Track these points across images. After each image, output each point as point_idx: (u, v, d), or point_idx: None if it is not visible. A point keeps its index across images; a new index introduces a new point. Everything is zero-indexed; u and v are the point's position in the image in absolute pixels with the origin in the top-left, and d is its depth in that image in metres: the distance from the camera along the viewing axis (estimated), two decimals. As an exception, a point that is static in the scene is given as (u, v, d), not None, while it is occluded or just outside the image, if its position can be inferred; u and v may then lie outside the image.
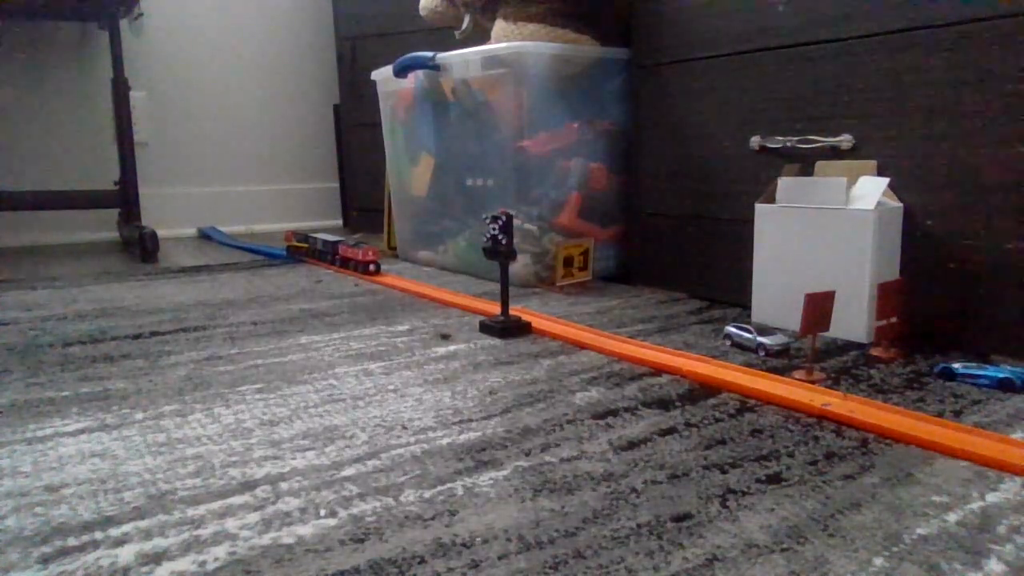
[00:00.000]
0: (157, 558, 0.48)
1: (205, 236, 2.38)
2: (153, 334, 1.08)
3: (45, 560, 0.48)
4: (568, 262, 1.38)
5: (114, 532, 0.51)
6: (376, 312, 1.21)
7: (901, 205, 0.96)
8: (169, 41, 2.38)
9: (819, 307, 0.83)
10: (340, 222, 2.70)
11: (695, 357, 0.90)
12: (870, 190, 0.95)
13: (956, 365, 0.82)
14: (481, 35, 1.55)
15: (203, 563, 0.47)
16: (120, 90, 1.94)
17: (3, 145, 2.16)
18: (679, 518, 0.52)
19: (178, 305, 1.28)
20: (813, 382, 0.80)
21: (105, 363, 0.93)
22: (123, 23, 2.03)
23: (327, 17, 2.45)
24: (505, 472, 0.60)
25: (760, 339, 0.93)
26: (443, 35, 1.73)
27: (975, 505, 0.54)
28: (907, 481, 0.58)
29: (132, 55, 2.19)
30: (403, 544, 0.49)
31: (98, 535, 0.51)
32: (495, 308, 1.14)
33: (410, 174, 1.71)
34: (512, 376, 0.86)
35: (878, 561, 0.46)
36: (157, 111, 2.39)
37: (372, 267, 1.52)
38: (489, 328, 1.05)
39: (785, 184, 1.02)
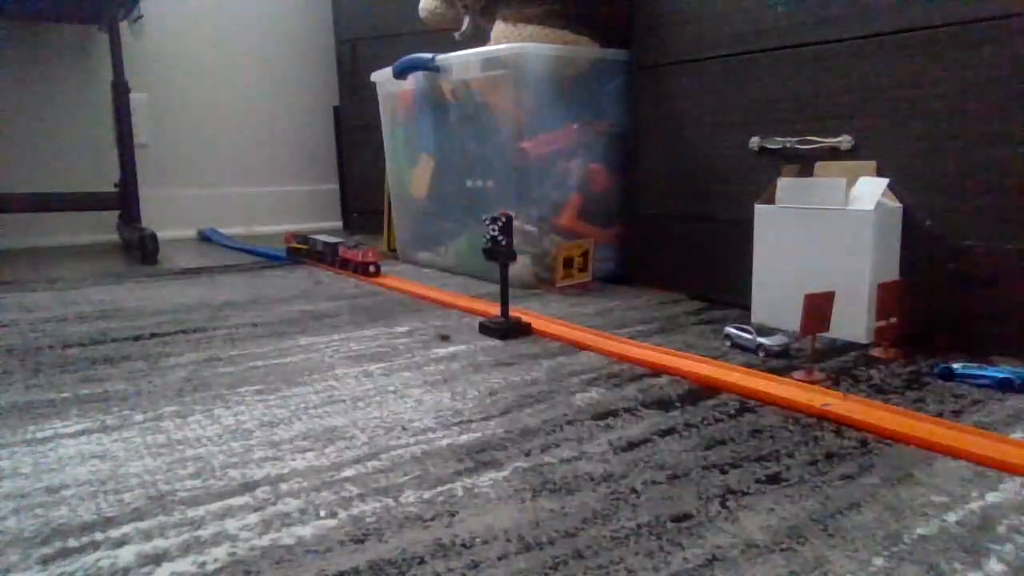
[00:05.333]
0: (157, 559, 0.48)
1: (205, 238, 2.38)
2: (153, 336, 1.08)
3: (45, 561, 0.48)
4: (568, 263, 1.38)
5: (114, 533, 0.51)
6: (376, 313, 1.21)
7: (901, 205, 0.96)
8: (169, 43, 2.38)
9: (819, 307, 0.83)
10: (340, 224, 2.70)
11: (695, 358, 0.90)
12: (870, 190, 0.95)
13: (956, 365, 0.82)
14: (481, 37, 1.56)
15: (203, 564, 0.47)
16: (120, 92, 1.94)
17: (3, 147, 2.16)
18: (679, 518, 0.52)
19: (178, 307, 1.28)
20: (813, 382, 0.80)
21: (105, 365, 0.93)
22: (123, 25, 2.03)
23: (327, 18, 2.45)
24: (505, 473, 0.60)
25: (760, 339, 0.93)
26: (442, 37, 1.73)
27: (975, 505, 0.54)
28: (907, 481, 0.58)
29: (132, 57, 2.19)
30: (403, 544, 0.49)
31: (98, 536, 0.51)
32: (495, 309, 1.14)
33: (410, 175, 1.71)
34: (512, 377, 0.86)
35: (878, 561, 0.46)
36: (157, 113, 2.39)
37: (372, 268, 1.52)
38: (489, 329, 1.05)
39: (785, 184, 1.02)
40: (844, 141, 1.02)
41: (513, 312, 1.08)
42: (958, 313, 0.93)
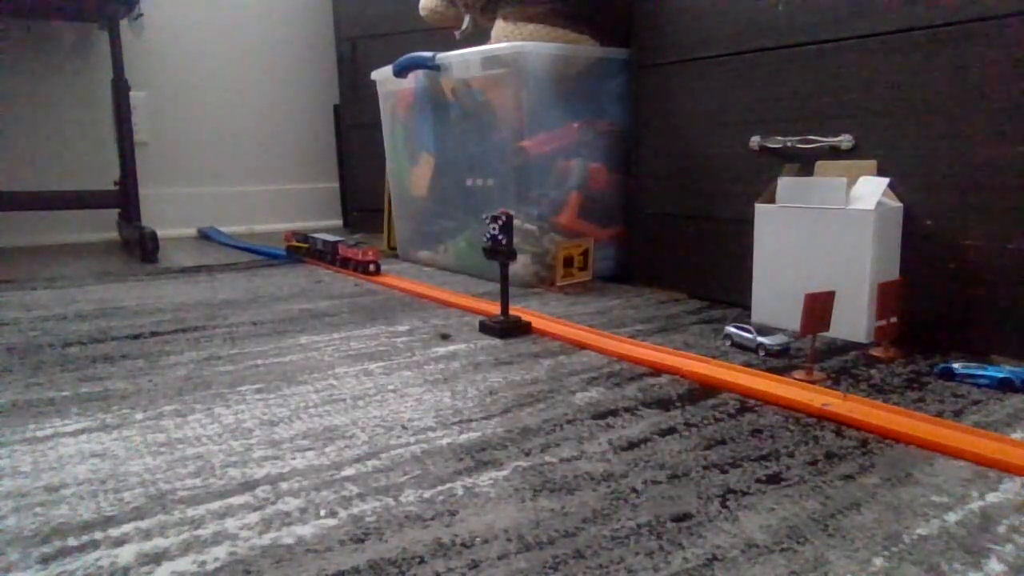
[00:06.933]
0: (157, 558, 0.48)
1: (205, 236, 2.38)
2: (153, 334, 1.08)
3: (45, 560, 0.48)
4: (568, 262, 1.38)
5: (114, 532, 0.51)
6: (376, 312, 1.21)
7: (901, 205, 0.96)
8: (169, 41, 2.38)
9: (819, 307, 0.83)
10: (340, 222, 2.70)
11: (695, 357, 0.90)
12: (870, 190, 0.95)
13: (956, 365, 0.82)
14: (481, 35, 1.55)
15: (203, 563, 0.47)
16: (120, 90, 1.94)
17: (3, 145, 2.16)
18: (679, 518, 0.52)
19: (178, 305, 1.28)
20: (813, 382, 0.80)
21: (105, 363, 0.93)
22: (123, 23, 2.03)
23: (327, 17, 2.45)
24: (505, 472, 0.60)
25: (760, 339, 0.93)
26: (443, 35, 1.73)
27: (975, 505, 0.54)
28: (907, 481, 0.58)
29: (132, 55, 2.19)
30: (403, 544, 0.49)
31: (98, 535, 0.51)
32: (495, 308, 1.14)
33: (410, 174, 1.71)
34: (512, 376, 0.86)
35: (878, 561, 0.46)
36: (157, 111, 2.39)
37: (372, 267, 1.52)
38: (489, 328, 1.05)
39: (785, 184, 1.02)
40: (844, 140, 1.02)
41: (513, 311, 1.08)
42: (958, 313, 0.93)
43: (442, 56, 1.48)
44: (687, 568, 0.46)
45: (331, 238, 1.67)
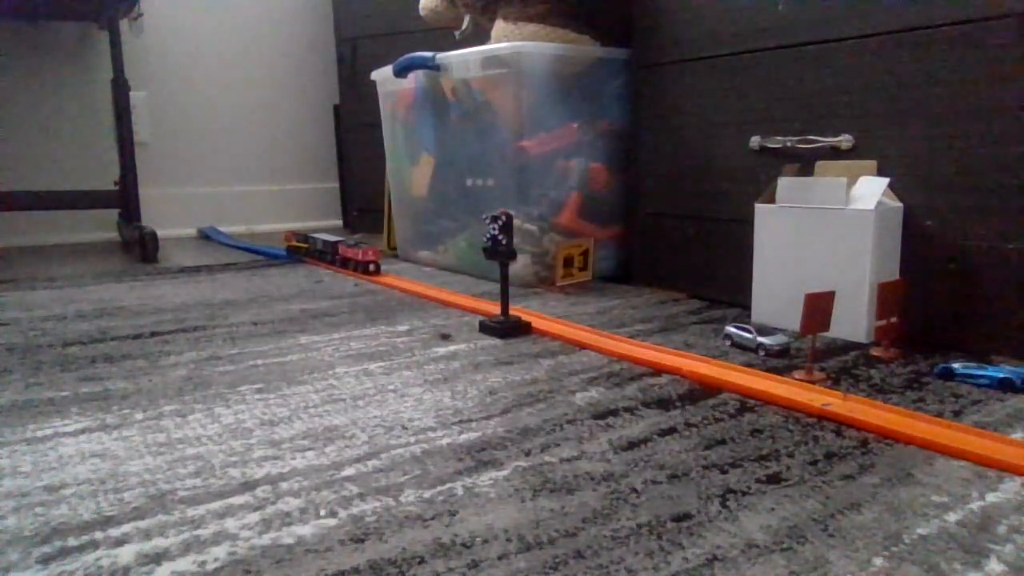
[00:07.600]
0: (157, 558, 0.48)
1: (205, 236, 2.38)
2: (153, 334, 1.08)
3: (45, 560, 0.48)
4: (568, 262, 1.38)
5: (114, 532, 0.51)
6: (376, 312, 1.21)
7: (901, 205, 0.96)
8: (169, 41, 2.38)
9: (819, 307, 0.83)
10: (340, 222, 2.70)
11: (695, 357, 0.90)
12: (870, 190, 0.95)
13: (956, 365, 0.82)
14: (481, 35, 1.55)
15: (203, 563, 0.47)
16: (120, 90, 1.94)
17: (3, 145, 2.16)
18: (679, 518, 0.52)
19: (178, 305, 1.28)
20: (813, 382, 0.80)
21: (105, 363, 0.93)
22: (123, 23, 2.03)
23: (327, 17, 2.45)
24: (505, 472, 0.60)
25: (760, 339, 0.93)
26: (443, 35, 1.73)
27: (975, 505, 0.54)
28: (907, 481, 0.58)
29: (132, 55, 2.19)
30: (403, 544, 0.49)
31: (98, 535, 0.51)
32: (495, 308, 1.14)
33: (410, 174, 1.71)
34: (512, 376, 0.86)
35: (878, 561, 0.46)
36: (157, 111, 2.39)
37: (372, 267, 1.52)
38: (489, 328, 1.05)
39: (785, 184, 1.02)
40: (844, 141, 1.02)
41: (513, 311, 1.08)
42: (958, 313, 0.93)
43: (442, 56, 1.48)
44: (687, 568, 0.46)
45: (331, 238, 1.67)
